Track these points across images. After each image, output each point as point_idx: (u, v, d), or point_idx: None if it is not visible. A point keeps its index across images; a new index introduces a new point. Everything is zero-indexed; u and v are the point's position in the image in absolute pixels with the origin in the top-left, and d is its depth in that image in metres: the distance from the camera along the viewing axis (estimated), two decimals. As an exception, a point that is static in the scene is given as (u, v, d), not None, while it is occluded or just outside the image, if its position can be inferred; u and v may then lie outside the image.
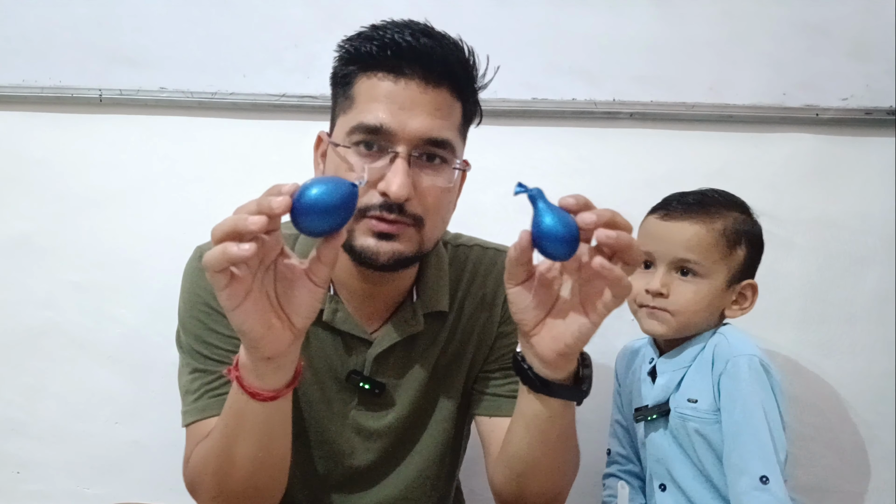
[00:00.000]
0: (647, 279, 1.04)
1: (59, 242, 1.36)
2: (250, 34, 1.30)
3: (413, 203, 0.80)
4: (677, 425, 1.02)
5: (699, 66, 1.31)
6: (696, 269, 1.02)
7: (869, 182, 1.33)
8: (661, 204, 1.08)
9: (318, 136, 0.90)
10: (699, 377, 1.02)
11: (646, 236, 1.06)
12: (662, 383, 1.05)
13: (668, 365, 1.06)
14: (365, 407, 0.92)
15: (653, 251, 1.04)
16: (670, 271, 1.03)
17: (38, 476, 1.40)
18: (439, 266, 0.95)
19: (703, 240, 1.01)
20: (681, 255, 1.01)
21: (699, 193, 1.06)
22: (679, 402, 1.03)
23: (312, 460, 0.94)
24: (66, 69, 1.31)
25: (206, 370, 0.86)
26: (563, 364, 0.73)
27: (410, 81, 0.80)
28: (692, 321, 1.03)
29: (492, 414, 0.94)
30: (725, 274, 1.03)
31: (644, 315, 1.05)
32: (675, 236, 1.02)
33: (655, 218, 1.06)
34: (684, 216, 1.03)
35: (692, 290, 1.02)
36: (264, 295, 0.66)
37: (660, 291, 1.02)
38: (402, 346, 0.92)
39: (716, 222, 1.02)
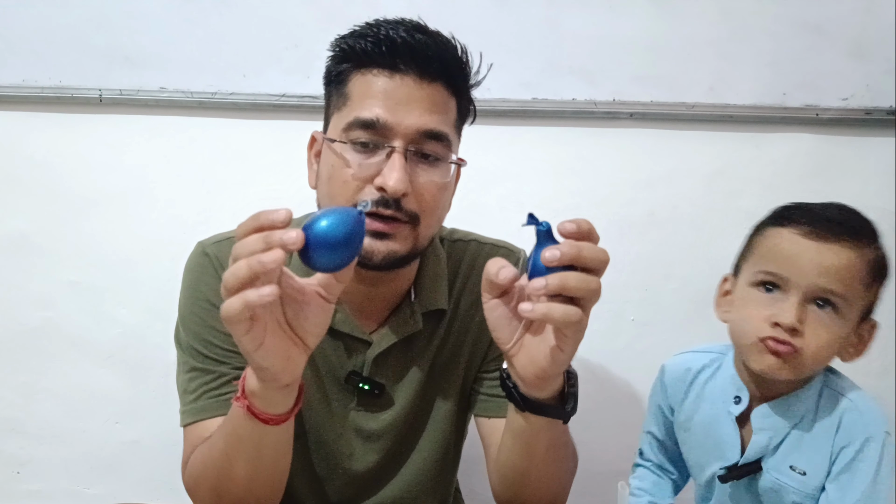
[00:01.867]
0: (773, 307, 0.84)
1: (57, 242, 1.36)
2: (250, 34, 1.30)
3: (409, 199, 0.79)
4: (768, 490, 0.87)
5: (699, 66, 1.30)
6: (836, 304, 0.83)
7: (869, 182, 1.33)
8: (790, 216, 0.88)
9: (312, 135, 0.90)
10: (813, 445, 0.85)
11: (775, 254, 0.86)
12: (762, 442, 0.87)
13: (772, 421, 0.87)
14: (364, 408, 0.92)
15: (786, 274, 0.84)
16: (805, 303, 0.83)
17: (37, 476, 1.39)
18: (437, 264, 0.94)
19: (852, 268, 0.83)
20: (824, 284, 0.82)
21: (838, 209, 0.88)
22: (778, 466, 0.86)
23: (313, 462, 0.93)
24: (66, 69, 1.31)
25: (205, 369, 0.86)
26: (543, 385, 0.71)
27: (406, 77, 0.80)
28: (819, 366, 0.86)
29: (490, 415, 0.94)
30: (860, 312, 0.86)
31: (762, 350, 0.84)
32: (822, 261, 0.83)
33: (793, 233, 0.85)
34: (834, 238, 0.84)
35: (829, 329, 0.83)
36: (277, 326, 0.64)
37: (794, 327, 0.82)
38: (400, 346, 0.91)
39: (867, 250, 0.85)
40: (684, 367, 0.99)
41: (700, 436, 0.94)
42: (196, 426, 0.84)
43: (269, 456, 0.75)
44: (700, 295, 1.37)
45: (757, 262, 0.88)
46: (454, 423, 0.97)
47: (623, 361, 1.39)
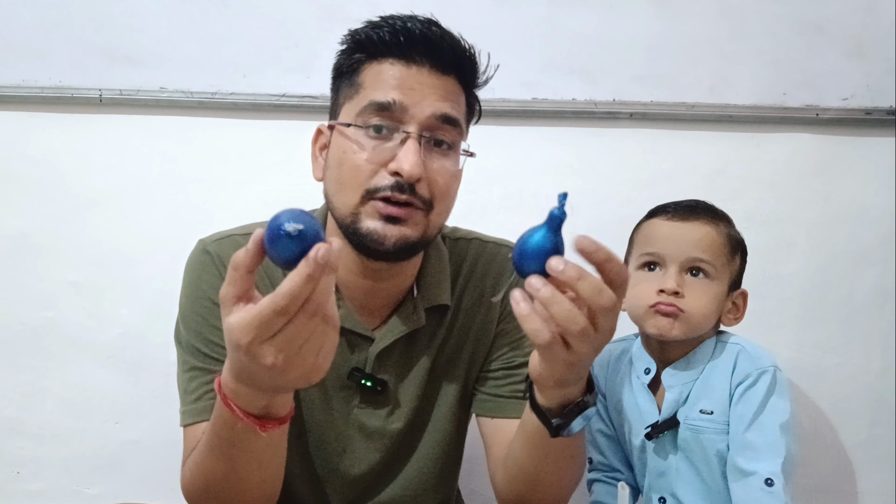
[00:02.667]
0: (657, 281, 1.01)
1: (58, 242, 1.36)
2: (250, 34, 1.30)
3: (423, 185, 0.80)
4: (687, 438, 1.01)
5: (699, 66, 1.30)
6: (707, 270, 1.01)
7: (869, 182, 1.33)
8: (660, 209, 1.07)
9: (318, 129, 0.90)
10: (714, 388, 1.00)
11: (651, 238, 1.05)
12: (673, 397, 1.02)
13: (677, 377, 1.03)
14: (367, 405, 0.92)
15: (662, 252, 1.02)
16: (682, 272, 1.01)
17: (37, 476, 1.39)
18: (440, 260, 0.94)
19: (714, 240, 1.01)
20: (694, 254, 1.00)
21: (694, 201, 1.06)
22: (690, 414, 1.01)
23: (314, 463, 0.93)
24: (66, 69, 1.31)
25: (206, 368, 0.86)
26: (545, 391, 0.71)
27: (421, 67, 0.81)
28: (703, 324, 1.01)
29: (493, 415, 0.94)
30: (728, 279, 1.03)
31: (654, 315, 1.01)
32: (687, 236, 1.01)
33: (662, 220, 1.05)
34: (693, 217, 1.02)
35: (704, 291, 1.00)
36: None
37: (676, 290, 0.99)
38: (403, 342, 0.91)
39: (721, 225, 1.03)
40: (606, 355, 1.14)
41: (626, 410, 1.08)
42: (196, 426, 0.84)
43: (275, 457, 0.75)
44: (700, 295, 1.38)
45: (638, 249, 1.06)
46: (457, 421, 0.97)
47: (623, 361, 1.39)
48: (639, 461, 1.08)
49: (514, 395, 0.93)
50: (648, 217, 1.08)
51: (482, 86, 0.89)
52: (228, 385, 0.64)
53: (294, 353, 0.58)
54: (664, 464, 1.04)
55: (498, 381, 0.95)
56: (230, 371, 0.63)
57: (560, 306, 0.59)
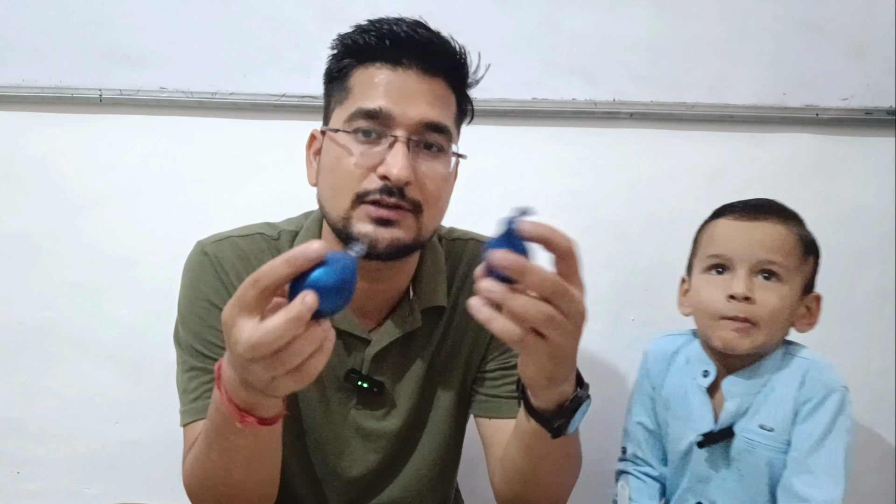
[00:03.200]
0: (724, 285, 0.94)
1: (58, 242, 1.36)
2: (250, 34, 1.30)
3: (412, 188, 0.80)
4: (741, 451, 0.95)
5: (699, 66, 1.30)
6: (779, 273, 0.94)
7: (869, 182, 1.33)
8: (725, 209, 1.01)
9: (311, 134, 0.91)
10: (778, 403, 0.94)
11: (719, 239, 0.98)
12: (733, 408, 0.96)
13: (740, 387, 0.96)
14: (364, 406, 0.92)
15: (729, 253, 0.95)
16: (751, 275, 0.94)
17: (37, 476, 1.39)
18: (435, 261, 0.95)
19: (786, 240, 0.95)
20: (764, 255, 0.94)
21: (763, 199, 1.00)
22: (748, 427, 0.95)
23: (312, 464, 0.93)
24: (66, 69, 1.31)
25: (205, 368, 0.86)
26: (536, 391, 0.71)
27: (409, 70, 0.81)
28: (775, 333, 0.94)
29: (491, 415, 0.94)
30: (800, 282, 0.96)
31: (727, 328, 0.94)
32: (757, 236, 0.95)
33: (729, 220, 0.98)
34: (764, 217, 0.96)
35: (778, 296, 0.93)
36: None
37: (747, 296, 0.92)
38: (400, 343, 0.91)
39: (792, 225, 0.96)
40: (664, 348, 1.08)
41: (677, 409, 1.02)
42: (196, 425, 0.84)
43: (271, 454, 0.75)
44: (700, 295, 1.38)
45: (704, 252, 1.00)
46: (454, 422, 0.97)
47: (623, 361, 1.39)
48: (681, 462, 1.03)
49: (511, 396, 0.93)
50: (714, 217, 1.01)
51: (474, 86, 0.89)
52: (226, 370, 0.65)
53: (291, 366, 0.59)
54: (709, 471, 0.99)
55: (495, 382, 0.95)
56: (228, 360, 0.64)
57: (516, 301, 0.58)
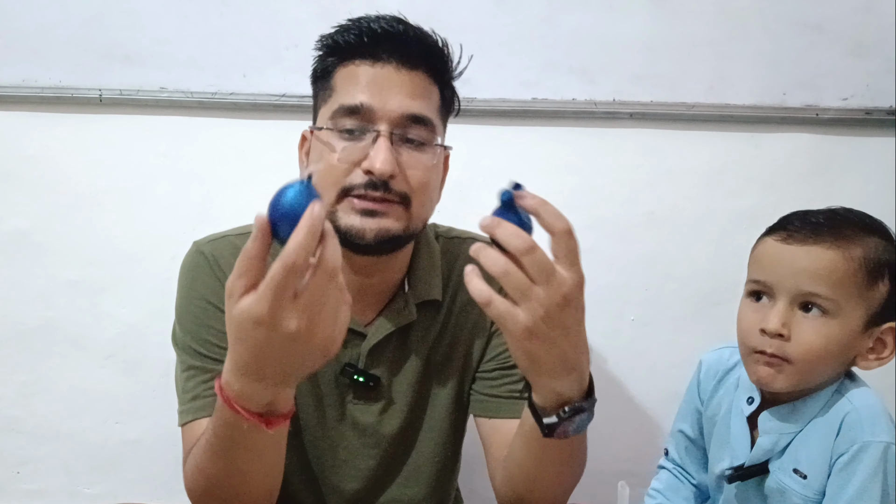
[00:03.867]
0: (761, 315, 0.85)
1: (57, 241, 1.35)
2: (250, 34, 1.30)
3: (398, 181, 0.81)
4: (773, 491, 0.87)
5: (698, 66, 1.30)
6: (824, 306, 0.82)
7: (869, 182, 1.33)
8: (781, 223, 0.89)
9: (302, 134, 0.92)
10: (814, 448, 0.84)
11: (761, 262, 0.88)
12: (766, 445, 0.87)
13: (776, 423, 0.87)
14: (360, 401, 0.92)
15: (769, 281, 0.85)
16: (792, 307, 0.83)
17: (37, 475, 1.39)
18: (430, 256, 0.95)
19: (837, 269, 0.82)
20: (807, 287, 0.82)
21: (830, 212, 0.88)
22: (783, 469, 0.86)
23: (310, 462, 0.93)
24: (65, 69, 1.30)
25: (203, 367, 0.86)
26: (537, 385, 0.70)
27: (388, 65, 0.82)
28: (815, 371, 0.84)
29: (490, 415, 0.94)
30: (863, 314, 0.83)
31: (759, 362, 0.85)
32: (800, 264, 0.83)
33: (774, 240, 0.87)
34: (812, 239, 0.83)
35: (819, 332, 0.82)
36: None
37: (779, 332, 0.82)
38: (395, 337, 0.92)
39: (854, 249, 0.83)
40: (718, 361, 0.99)
41: (719, 430, 0.95)
42: (194, 425, 0.84)
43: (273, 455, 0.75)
44: (700, 295, 1.38)
45: (749, 272, 0.90)
46: (453, 420, 0.97)
47: (623, 361, 1.39)
48: (716, 486, 0.97)
49: (510, 396, 0.93)
50: (767, 233, 0.90)
51: (457, 77, 0.90)
52: (232, 387, 0.63)
53: (316, 314, 0.58)
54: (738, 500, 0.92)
55: (494, 381, 0.95)
56: (235, 369, 0.62)
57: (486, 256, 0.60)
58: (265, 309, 0.56)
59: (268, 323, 0.57)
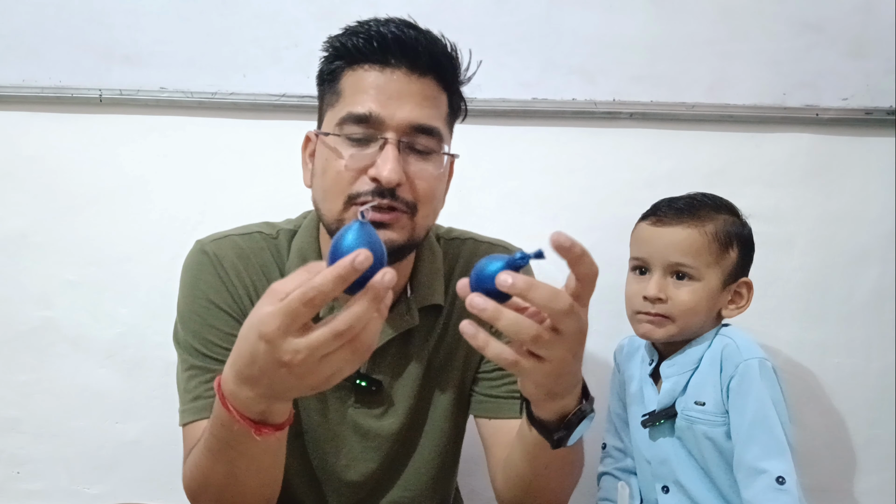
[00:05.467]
0: (643, 285, 1.06)
1: (57, 241, 1.35)
2: (250, 34, 1.30)
3: (405, 189, 0.80)
4: (683, 427, 1.03)
5: (699, 66, 1.31)
6: (690, 273, 1.04)
7: (868, 182, 1.34)
8: (651, 210, 1.10)
9: (306, 136, 0.91)
10: (706, 380, 1.03)
11: (639, 242, 1.09)
12: (668, 388, 1.06)
13: (673, 368, 1.06)
14: (362, 405, 0.92)
15: (646, 257, 1.07)
16: (665, 276, 1.05)
17: (37, 475, 1.39)
18: (433, 260, 0.95)
19: (695, 243, 1.04)
20: (674, 259, 1.04)
21: (688, 198, 1.09)
22: (686, 404, 1.04)
23: (312, 464, 0.93)
24: (65, 69, 1.30)
25: (204, 367, 0.86)
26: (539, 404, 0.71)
27: (397, 71, 0.81)
28: (691, 323, 1.05)
29: (491, 416, 0.94)
30: (720, 275, 1.05)
31: (642, 321, 1.06)
32: (667, 241, 1.05)
33: (647, 224, 1.09)
34: (675, 221, 1.05)
35: (688, 293, 1.04)
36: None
37: (658, 297, 1.04)
38: (398, 342, 0.91)
39: (706, 225, 1.05)
40: (627, 345, 1.19)
41: (633, 397, 1.12)
42: (195, 425, 0.84)
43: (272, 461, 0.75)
44: (700, 295, 1.38)
45: (631, 251, 1.12)
46: (454, 422, 0.97)
47: (623, 361, 1.39)
48: (638, 446, 1.11)
49: (510, 396, 0.93)
50: (641, 218, 1.11)
51: (465, 83, 0.89)
52: (228, 386, 0.64)
53: (313, 359, 0.58)
54: (665, 452, 1.06)
55: (493, 382, 0.95)
56: (233, 371, 0.63)
57: (505, 320, 0.58)
58: (272, 326, 0.56)
59: (268, 340, 0.57)
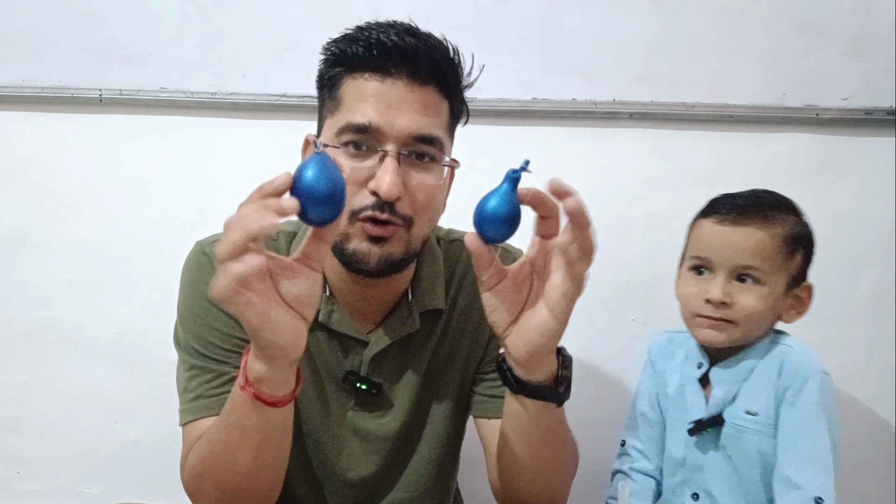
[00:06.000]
0: (703, 286, 1.01)
1: (57, 241, 1.36)
2: (250, 34, 1.30)
3: (403, 203, 0.79)
4: (730, 437, 0.99)
5: (699, 66, 1.30)
6: (756, 276, 0.98)
7: (868, 182, 1.33)
8: (713, 207, 1.04)
9: (306, 139, 0.90)
10: (760, 389, 0.99)
11: (701, 241, 1.03)
12: (719, 395, 1.01)
13: (726, 375, 1.02)
14: (362, 408, 0.92)
15: (710, 257, 1.01)
16: (730, 279, 0.99)
17: (37, 475, 1.39)
18: (434, 264, 0.94)
19: (765, 246, 0.98)
20: (742, 261, 0.98)
21: (754, 196, 1.03)
22: (735, 413, 0.99)
23: (312, 466, 0.93)
24: (65, 69, 1.31)
25: (205, 367, 0.86)
26: (535, 365, 0.72)
27: (397, 80, 0.80)
28: (754, 329, 1.00)
29: (489, 416, 0.94)
30: (785, 279, 1.00)
31: (702, 325, 1.01)
32: (736, 243, 0.99)
33: (712, 223, 1.02)
34: (744, 221, 0.99)
35: (754, 298, 0.98)
36: (277, 301, 0.64)
37: (723, 300, 0.98)
38: (398, 346, 0.91)
39: (776, 228, 0.99)
40: (664, 343, 1.14)
41: (675, 401, 1.07)
42: (195, 425, 0.84)
43: (275, 440, 0.75)
44: (700, 295, 1.38)
45: (690, 250, 1.06)
46: (453, 424, 0.97)
47: (623, 361, 1.39)
48: (676, 453, 1.07)
49: None
50: (702, 215, 1.05)
51: (468, 88, 0.88)
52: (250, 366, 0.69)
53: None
54: (703, 459, 1.03)
55: (493, 382, 0.95)
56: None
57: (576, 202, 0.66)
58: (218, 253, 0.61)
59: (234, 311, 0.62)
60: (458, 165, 0.87)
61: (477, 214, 0.67)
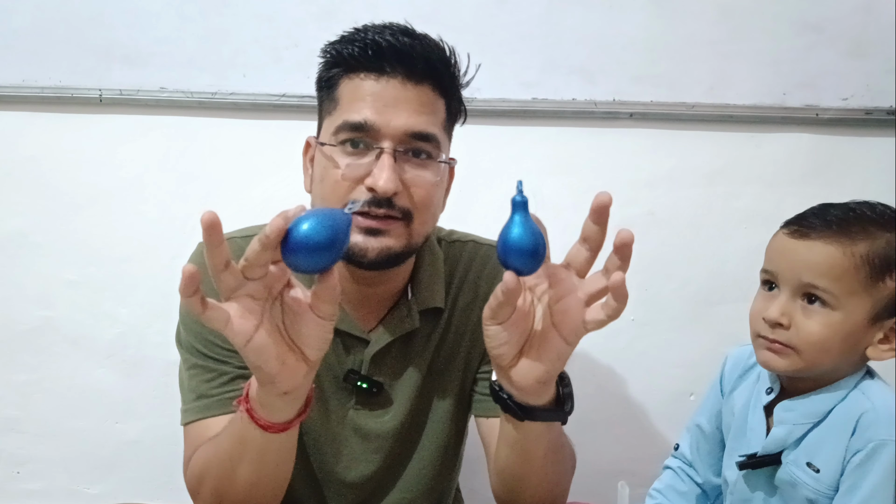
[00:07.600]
0: (767, 303, 0.88)
1: (57, 241, 1.35)
2: (250, 33, 1.30)
3: (401, 197, 0.80)
4: (785, 482, 0.88)
5: (699, 66, 1.31)
6: (825, 299, 0.84)
7: (869, 182, 1.33)
8: (796, 217, 0.91)
9: (307, 141, 0.91)
10: (829, 442, 0.85)
11: (771, 253, 0.91)
12: (780, 435, 0.88)
13: (792, 414, 0.88)
14: (363, 406, 0.92)
15: (776, 271, 0.88)
16: (794, 298, 0.86)
17: (37, 475, 1.39)
18: (433, 263, 0.95)
19: (837, 264, 0.83)
20: (807, 279, 0.84)
21: (845, 208, 0.89)
22: (796, 461, 0.87)
23: (312, 465, 0.93)
24: (65, 69, 1.30)
25: (206, 367, 0.86)
26: (542, 390, 0.71)
27: (392, 79, 0.81)
28: (821, 360, 0.85)
29: (490, 415, 0.94)
30: (869, 307, 0.84)
31: (761, 346, 0.88)
32: (802, 257, 0.85)
33: (784, 234, 0.90)
34: (818, 234, 0.85)
35: (818, 324, 0.84)
36: (275, 328, 0.62)
37: (779, 321, 0.85)
38: (398, 344, 0.92)
39: (858, 244, 0.84)
40: (742, 357, 1.01)
41: (738, 421, 0.96)
42: (196, 425, 0.84)
43: (272, 462, 0.75)
44: (700, 295, 1.38)
45: (764, 262, 0.93)
46: (454, 423, 0.97)
47: (623, 361, 1.39)
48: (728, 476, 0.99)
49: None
50: (783, 226, 0.93)
51: (464, 87, 0.89)
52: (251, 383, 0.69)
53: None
54: (748, 495, 0.93)
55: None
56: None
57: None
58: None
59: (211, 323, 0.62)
60: (454, 163, 0.87)
61: (501, 250, 0.62)
